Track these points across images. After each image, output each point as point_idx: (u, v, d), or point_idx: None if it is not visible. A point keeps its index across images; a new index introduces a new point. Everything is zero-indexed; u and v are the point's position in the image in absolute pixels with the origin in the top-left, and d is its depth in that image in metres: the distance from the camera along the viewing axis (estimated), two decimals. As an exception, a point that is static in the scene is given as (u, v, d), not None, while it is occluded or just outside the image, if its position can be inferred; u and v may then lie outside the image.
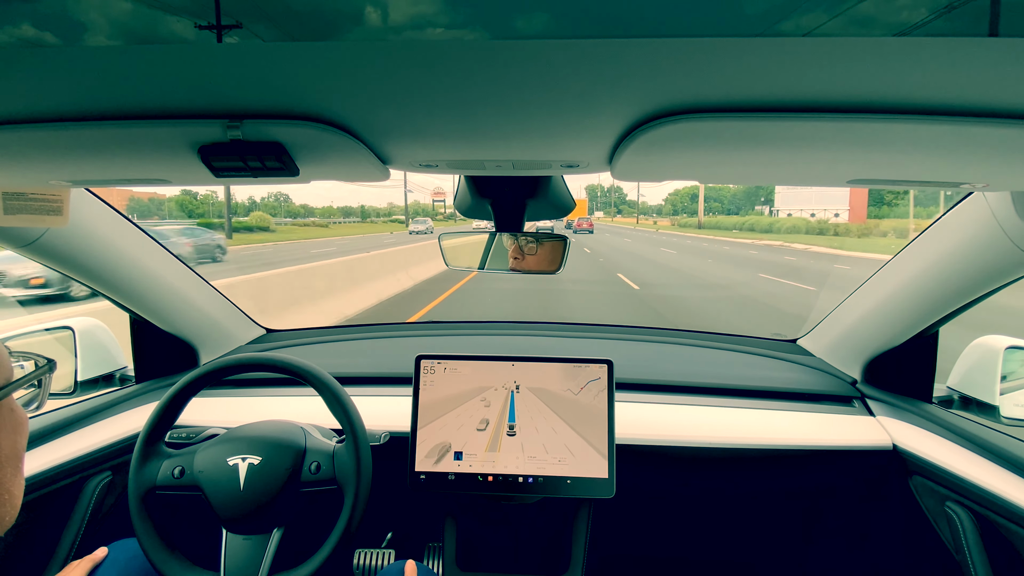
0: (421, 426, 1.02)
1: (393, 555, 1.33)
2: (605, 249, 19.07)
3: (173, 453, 0.89)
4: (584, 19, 29.38)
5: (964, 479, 0.88)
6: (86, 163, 0.61)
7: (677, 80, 0.41)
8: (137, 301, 1.15)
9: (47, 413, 1.05)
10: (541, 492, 0.99)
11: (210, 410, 1.16)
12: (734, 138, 0.49)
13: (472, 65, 0.39)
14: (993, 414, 0.98)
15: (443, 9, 27.32)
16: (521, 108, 0.47)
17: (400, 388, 1.24)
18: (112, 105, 0.47)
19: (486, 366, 1.05)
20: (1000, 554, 0.85)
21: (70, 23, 26.54)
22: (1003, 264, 0.82)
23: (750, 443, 1.08)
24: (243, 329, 1.46)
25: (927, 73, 0.38)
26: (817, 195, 53.86)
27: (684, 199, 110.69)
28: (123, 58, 0.39)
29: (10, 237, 0.88)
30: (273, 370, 0.91)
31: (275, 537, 0.84)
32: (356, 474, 0.85)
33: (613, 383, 1.02)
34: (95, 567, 0.83)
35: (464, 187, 0.92)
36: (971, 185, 0.64)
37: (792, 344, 1.43)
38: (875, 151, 0.51)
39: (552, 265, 0.96)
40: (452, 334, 1.54)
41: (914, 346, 1.10)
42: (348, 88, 0.44)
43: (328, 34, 29.06)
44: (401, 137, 0.55)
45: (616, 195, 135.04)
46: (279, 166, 0.56)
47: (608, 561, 1.40)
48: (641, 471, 1.12)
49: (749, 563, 1.41)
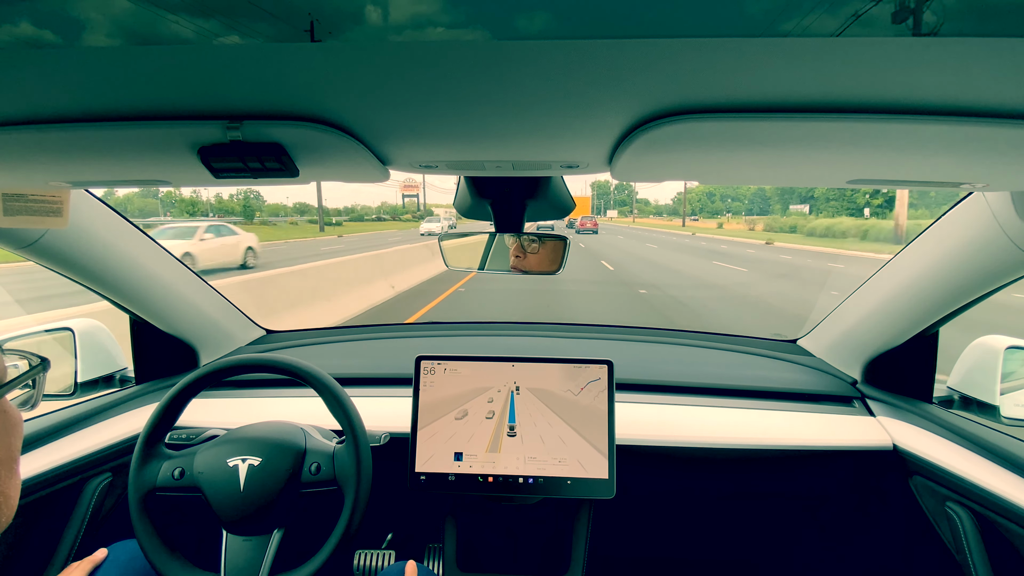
0: (421, 427, 1.02)
1: (393, 556, 1.33)
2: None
3: (173, 454, 0.89)
4: (585, 19, 29.75)
5: (964, 479, 0.88)
6: (86, 164, 0.61)
7: (677, 80, 0.41)
8: (137, 302, 1.15)
9: (47, 415, 1.05)
10: (541, 493, 0.99)
11: (210, 411, 1.16)
12: (734, 138, 0.49)
13: (472, 65, 0.39)
14: (993, 414, 0.98)
15: (444, 8, 27.70)
16: (521, 108, 0.47)
17: (400, 389, 1.24)
18: (112, 106, 0.47)
19: (486, 367, 1.05)
20: (1000, 554, 0.85)
21: (69, 21, 26.67)
22: (1003, 264, 0.83)
23: (750, 443, 1.08)
24: (243, 330, 1.46)
25: (927, 73, 0.38)
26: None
27: (700, 196, 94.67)
28: (123, 59, 0.39)
29: (10, 238, 0.88)
30: (273, 371, 0.90)
31: (275, 538, 0.84)
32: (356, 475, 0.85)
33: (613, 383, 1.02)
34: (95, 568, 0.83)
35: (464, 187, 0.92)
36: (971, 185, 0.64)
37: (792, 344, 1.43)
38: (875, 151, 0.51)
39: (552, 265, 0.96)
40: (452, 335, 1.54)
41: (914, 346, 1.10)
42: (348, 89, 0.44)
43: (321, 34, 29.20)
44: (401, 138, 0.55)
45: (626, 192, 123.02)
46: (279, 167, 0.56)
47: (608, 561, 1.40)
48: (641, 472, 1.12)
49: (749, 563, 1.41)
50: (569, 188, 0.96)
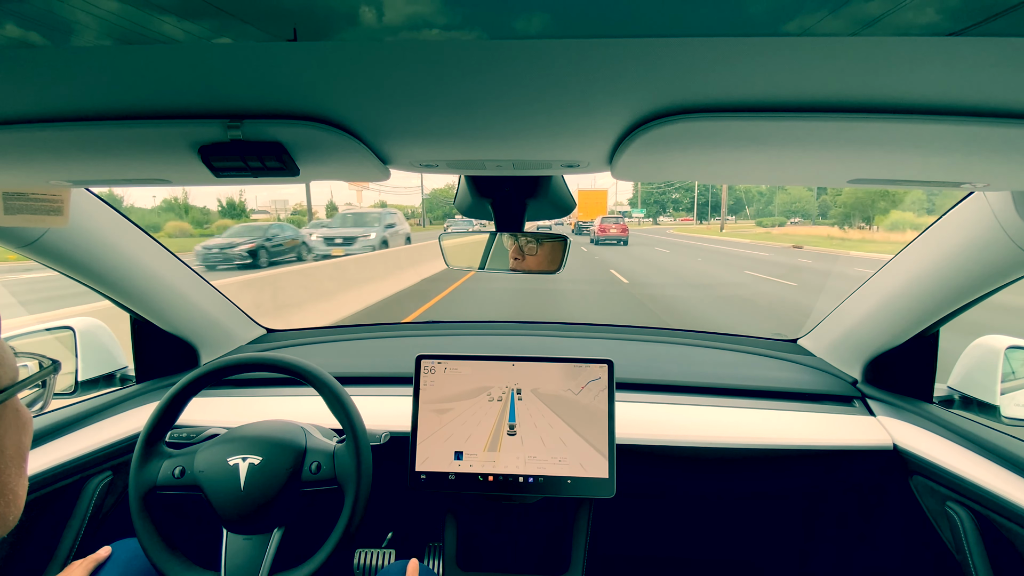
0: (421, 426, 1.02)
1: (393, 555, 1.33)
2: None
3: (174, 453, 0.89)
4: (584, 19, 29.59)
5: (965, 479, 0.88)
6: (86, 163, 0.61)
7: (677, 79, 0.41)
8: (137, 301, 1.15)
9: (48, 413, 1.06)
10: (541, 492, 0.99)
11: (210, 410, 1.16)
12: (734, 138, 0.49)
13: (472, 65, 0.39)
14: (994, 414, 0.98)
15: (440, 9, 27.50)
16: (521, 108, 0.46)
17: (400, 388, 1.24)
18: (113, 105, 0.47)
19: (486, 366, 1.05)
20: (1000, 554, 0.85)
21: (59, 22, 26.53)
22: (1004, 264, 0.82)
23: (750, 443, 1.08)
24: (243, 329, 1.46)
25: (927, 72, 0.38)
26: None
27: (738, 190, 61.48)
28: (124, 58, 0.39)
29: (10, 237, 0.88)
30: (273, 370, 0.91)
31: (275, 537, 0.85)
32: (356, 474, 0.85)
33: (613, 383, 1.02)
34: (98, 566, 0.83)
35: (464, 187, 0.92)
36: (972, 185, 0.64)
37: (792, 344, 1.43)
38: (876, 151, 0.51)
39: (552, 265, 0.96)
40: (452, 334, 1.54)
41: (915, 346, 1.09)
42: (348, 88, 0.44)
43: (320, 34, 29.06)
44: (401, 137, 0.55)
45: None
46: (279, 166, 0.56)
47: (608, 561, 1.40)
48: (641, 471, 1.12)
49: (749, 563, 1.41)
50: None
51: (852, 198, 36.27)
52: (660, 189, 74.01)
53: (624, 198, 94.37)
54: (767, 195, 67.43)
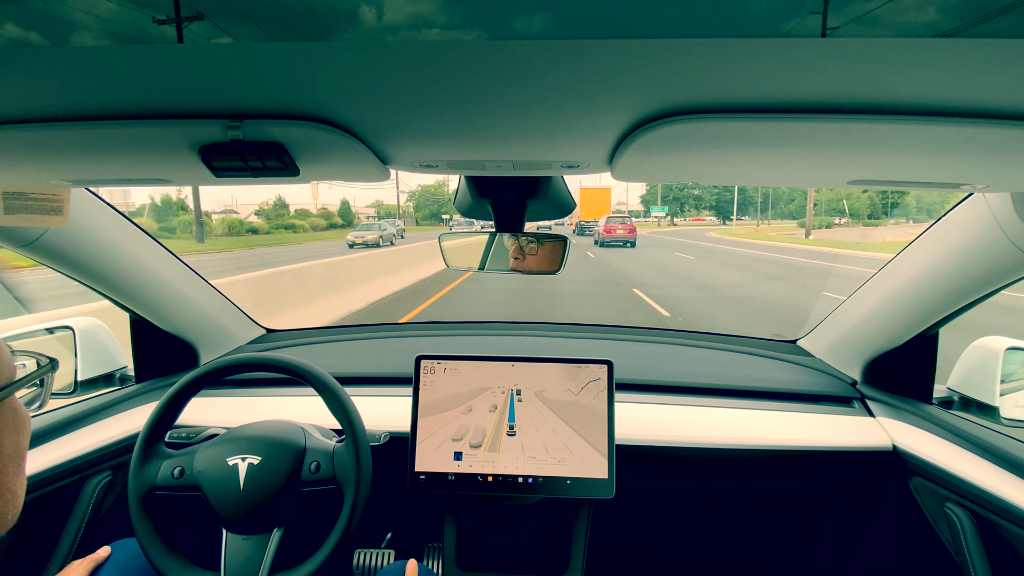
0: (421, 426, 1.02)
1: (393, 555, 1.33)
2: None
3: (173, 453, 0.89)
4: (584, 19, 29.51)
5: (964, 480, 0.88)
6: (86, 163, 0.61)
7: (677, 80, 0.41)
8: (137, 301, 1.15)
9: (47, 413, 1.05)
10: (541, 492, 0.99)
11: (210, 410, 1.16)
12: (734, 139, 0.49)
13: (472, 65, 0.39)
14: (993, 415, 0.98)
15: (441, 9, 27.36)
16: (521, 108, 0.47)
17: (400, 388, 1.24)
18: (113, 105, 0.47)
19: (486, 366, 1.05)
20: (1000, 555, 0.85)
21: (59, 22, 26.29)
22: (1003, 265, 0.82)
23: (750, 444, 1.08)
24: (243, 329, 1.46)
25: (927, 73, 0.38)
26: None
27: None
28: (124, 58, 0.39)
29: (10, 237, 0.88)
30: (273, 370, 0.91)
31: (275, 537, 0.84)
32: (356, 474, 0.85)
33: (613, 383, 1.02)
34: (97, 567, 0.83)
35: (464, 187, 0.92)
36: (971, 186, 0.64)
37: (792, 345, 1.43)
38: (875, 152, 0.51)
39: (552, 265, 0.96)
40: (452, 334, 1.54)
41: (914, 347, 1.09)
42: (348, 88, 0.44)
43: (320, 34, 29.03)
44: (401, 137, 0.55)
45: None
46: (279, 166, 0.56)
47: (608, 561, 1.40)
48: (641, 471, 1.12)
49: (749, 564, 1.41)
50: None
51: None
52: (680, 185, 57.59)
53: (635, 196, 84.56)
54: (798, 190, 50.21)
